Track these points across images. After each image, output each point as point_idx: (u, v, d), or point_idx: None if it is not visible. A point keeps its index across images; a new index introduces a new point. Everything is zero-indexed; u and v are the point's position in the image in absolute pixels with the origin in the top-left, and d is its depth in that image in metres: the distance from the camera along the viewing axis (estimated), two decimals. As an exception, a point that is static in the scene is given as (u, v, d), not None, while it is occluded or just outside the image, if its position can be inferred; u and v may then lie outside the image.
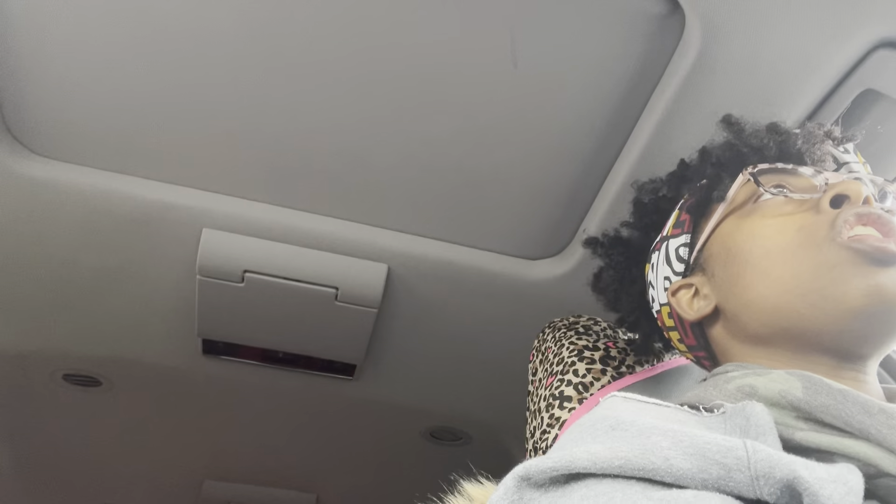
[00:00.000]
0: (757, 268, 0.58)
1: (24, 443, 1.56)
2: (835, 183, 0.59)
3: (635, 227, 0.79)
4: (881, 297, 0.51)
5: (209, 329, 1.21)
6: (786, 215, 0.60)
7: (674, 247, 0.69)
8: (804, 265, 0.55)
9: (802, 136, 0.66)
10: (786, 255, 0.57)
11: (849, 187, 0.57)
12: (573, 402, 0.77)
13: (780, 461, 0.39)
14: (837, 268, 0.53)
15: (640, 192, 0.78)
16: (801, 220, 0.58)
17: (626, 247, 0.79)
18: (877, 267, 0.52)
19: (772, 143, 0.66)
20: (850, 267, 0.53)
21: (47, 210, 1.03)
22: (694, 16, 0.76)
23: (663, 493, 0.39)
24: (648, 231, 0.77)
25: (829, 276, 0.54)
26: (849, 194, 0.57)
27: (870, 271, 0.52)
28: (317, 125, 0.94)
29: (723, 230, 0.64)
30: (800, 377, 0.50)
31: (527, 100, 0.89)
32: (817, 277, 0.54)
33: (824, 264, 0.54)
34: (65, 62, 0.87)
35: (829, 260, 0.54)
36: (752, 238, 0.60)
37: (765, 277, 0.58)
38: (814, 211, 0.58)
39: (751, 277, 0.59)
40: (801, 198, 0.60)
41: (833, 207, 0.57)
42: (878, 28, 0.75)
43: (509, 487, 0.43)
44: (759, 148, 0.66)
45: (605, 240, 0.82)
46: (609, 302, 0.81)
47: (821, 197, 0.59)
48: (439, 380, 1.36)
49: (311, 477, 1.72)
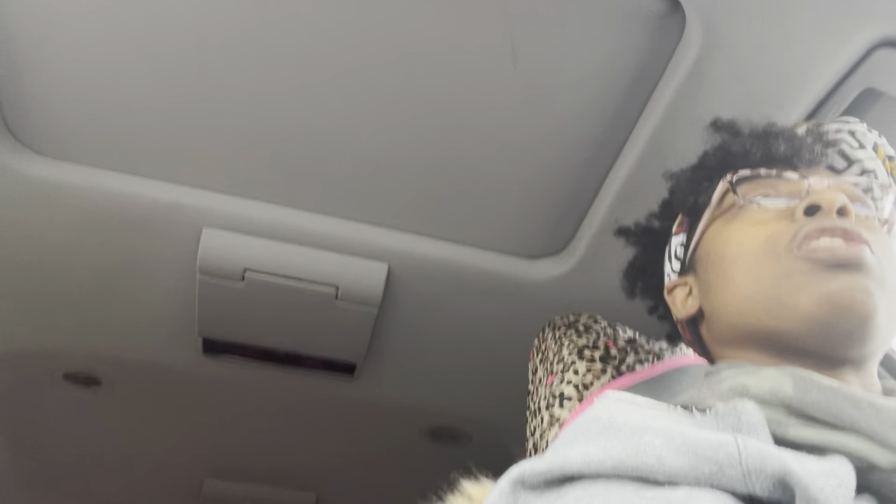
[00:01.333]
0: (727, 273, 0.60)
1: (24, 442, 1.56)
2: (814, 191, 0.59)
3: (662, 217, 0.78)
4: (831, 305, 0.52)
5: (209, 328, 1.21)
6: (761, 223, 0.60)
7: (675, 245, 0.71)
8: (764, 273, 0.57)
9: (788, 139, 0.66)
10: (749, 261, 0.58)
11: (822, 197, 0.57)
12: (573, 401, 0.77)
13: (772, 456, 0.39)
14: (793, 277, 0.54)
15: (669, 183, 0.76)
16: (772, 229, 0.59)
17: (655, 235, 0.79)
18: (830, 274, 0.53)
19: (755, 149, 0.66)
20: (804, 276, 0.54)
21: (47, 209, 1.03)
22: (694, 16, 0.76)
23: (657, 492, 0.39)
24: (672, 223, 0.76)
25: (785, 284, 0.55)
26: (821, 204, 0.57)
27: (822, 279, 0.53)
28: (317, 124, 0.94)
29: (709, 234, 0.66)
30: (790, 375, 0.51)
31: (527, 99, 0.90)
32: (774, 286, 0.55)
33: (780, 273, 0.55)
34: (65, 61, 0.87)
35: (785, 269, 0.55)
36: (728, 244, 0.62)
37: (731, 282, 0.59)
38: (789, 220, 0.59)
39: (722, 281, 0.61)
40: (774, 206, 0.61)
41: (807, 216, 0.58)
42: (878, 28, 0.75)
43: (504, 490, 0.43)
44: (743, 153, 0.66)
45: (637, 229, 0.81)
46: (638, 289, 0.80)
47: (796, 205, 0.59)
48: (439, 379, 1.36)
49: (311, 476, 1.72)
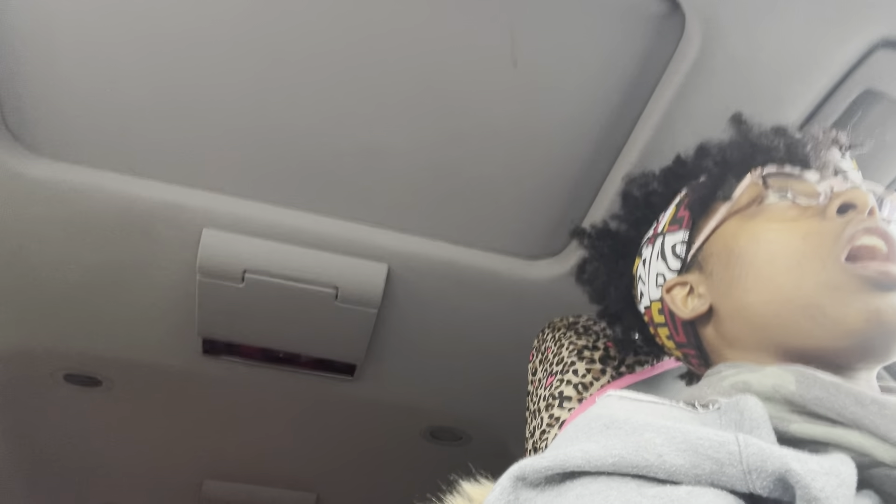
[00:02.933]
0: (760, 273, 0.58)
1: (24, 443, 1.56)
2: (841, 191, 0.59)
3: (624, 220, 0.78)
4: (879, 322, 0.53)
5: (209, 329, 1.21)
6: (791, 220, 0.60)
7: (670, 243, 0.69)
8: (807, 278, 0.56)
9: (810, 140, 0.65)
10: (790, 263, 0.57)
11: (857, 196, 0.58)
12: (573, 401, 0.77)
13: (772, 454, 0.39)
14: (840, 290, 0.54)
15: (630, 185, 0.78)
16: (806, 227, 0.58)
17: (614, 239, 0.79)
18: (878, 292, 0.53)
19: (781, 146, 0.65)
20: (852, 292, 0.54)
21: (47, 210, 1.03)
22: (694, 16, 0.76)
23: (657, 490, 0.39)
24: (639, 225, 0.76)
25: (832, 295, 0.54)
26: (856, 203, 0.57)
27: (871, 297, 0.53)
28: (317, 125, 0.94)
29: (725, 230, 0.64)
30: (793, 372, 0.51)
31: (527, 99, 0.89)
32: (819, 294, 0.55)
33: (828, 283, 0.55)
34: (65, 62, 0.87)
35: (833, 280, 0.55)
36: (757, 241, 0.60)
37: (767, 283, 0.58)
38: (819, 217, 0.58)
39: (752, 282, 0.59)
40: (807, 203, 0.60)
41: (839, 215, 0.58)
42: (878, 28, 0.75)
43: (505, 487, 0.43)
44: (768, 149, 0.65)
45: (593, 231, 0.81)
46: (594, 294, 0.80)
47: (827, 204, 0.59)
48: (439, 380, 1.36)
49: (311, 477, 1.72)
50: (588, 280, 0.80)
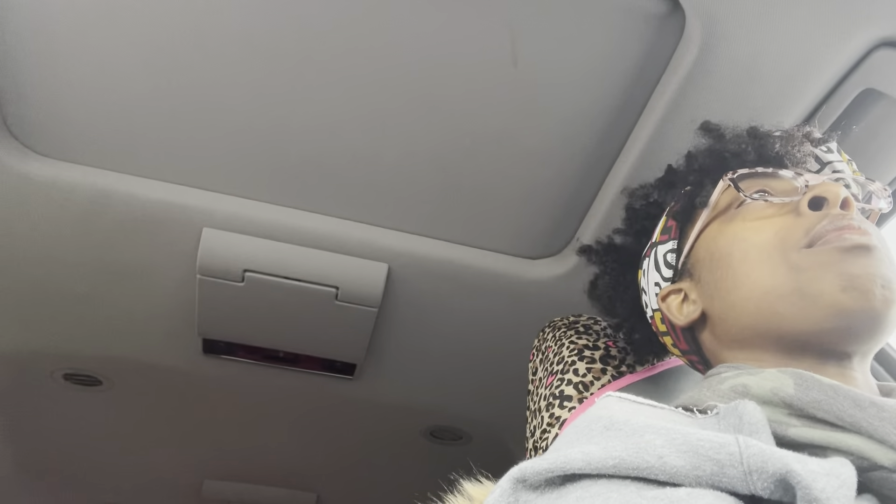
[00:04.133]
0: (738, 270, 0.60)
1: (24, 443, 1.56)
2: (814, 185, 0.60)
3: (627, 233, 0.80)
4: (854, 287, 0.52)
5: (209, 328, 1.21)
6: (766, 218, 0.61)
7: (662, 253, 0.70)
8: (778, 268, 0.56)
9: (781, 138, 0.67)
10: (762, 256, 0.58)
11: (827, 189, 0.58)
12: (573, 401, 0.77)
13: (773, 455, 0.39)
14: (811, 269, 0.55)
15: (631, 198, 0.80)
16: (779, 223, 0.59)
17: (619, 253, 0.80)
18: (847, 257, 0.54)
19: (750, 148, 0.67)
20: (821, 266, 0.54)
21: (47, 209, 1.03)
22: (694, 16, 0.76)
23: (658, 492, 0.39)
24: (640, 237, 0.78)
25: (804, 276, 0.55)
26: (827, 196, 0.58)
27: (840, 262, 0.54)
28: (317, 125, 0.94)
29: (707, 235, 0.65)
30: (791, 374, 0.51)
31: (527, 99, 0.90)
32: (793, 279, 0.55)
33: (798, 266, 0.55)
34: (65, 62, 0.87)
35: (802, 263, 0.55)
36: (734, 241, 0.61)
37: (745, 279, 0.59)
38: (794, 214, 0.59)
39: (732, 280, 0.60)
40: (780, 201, 0.61)
41: (812, 209, 0.58)
42: (878, 28, 0.75)
43: (505, 490, 0.43)
44: (738, 153, 0.67)
45: (599, 247, 0.83)
46: (605, 308, 0.81)
47: (800, 200, 0.60)
48: (439, 379, 1.36)
49: (311, 476, 1.72)
50: (599, 295, 0.82)
